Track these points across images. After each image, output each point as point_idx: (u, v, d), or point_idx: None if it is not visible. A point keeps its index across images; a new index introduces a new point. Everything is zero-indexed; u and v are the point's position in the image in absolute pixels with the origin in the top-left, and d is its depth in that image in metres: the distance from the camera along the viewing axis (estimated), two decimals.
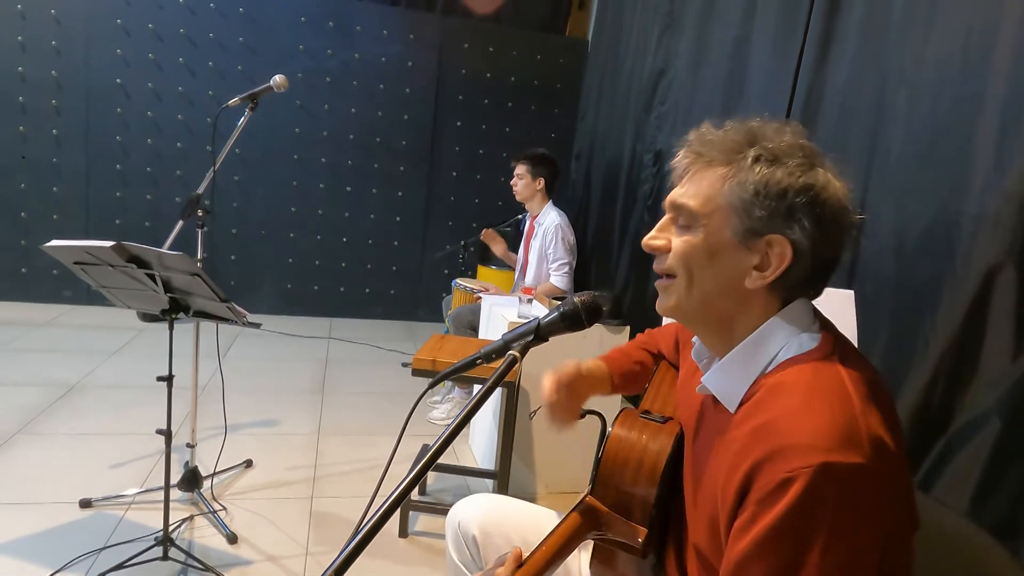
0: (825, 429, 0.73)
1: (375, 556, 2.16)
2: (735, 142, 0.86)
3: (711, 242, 0.86)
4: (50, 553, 1.98)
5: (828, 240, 0.84)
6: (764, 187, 0.82)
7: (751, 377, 0.85)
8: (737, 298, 0.87)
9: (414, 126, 5.02)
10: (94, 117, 4.49)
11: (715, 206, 0.86)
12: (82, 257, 1.69)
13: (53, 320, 4.33)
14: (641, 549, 0.97)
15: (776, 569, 0.73)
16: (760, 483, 0.75)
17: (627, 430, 1.03)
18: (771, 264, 0.84)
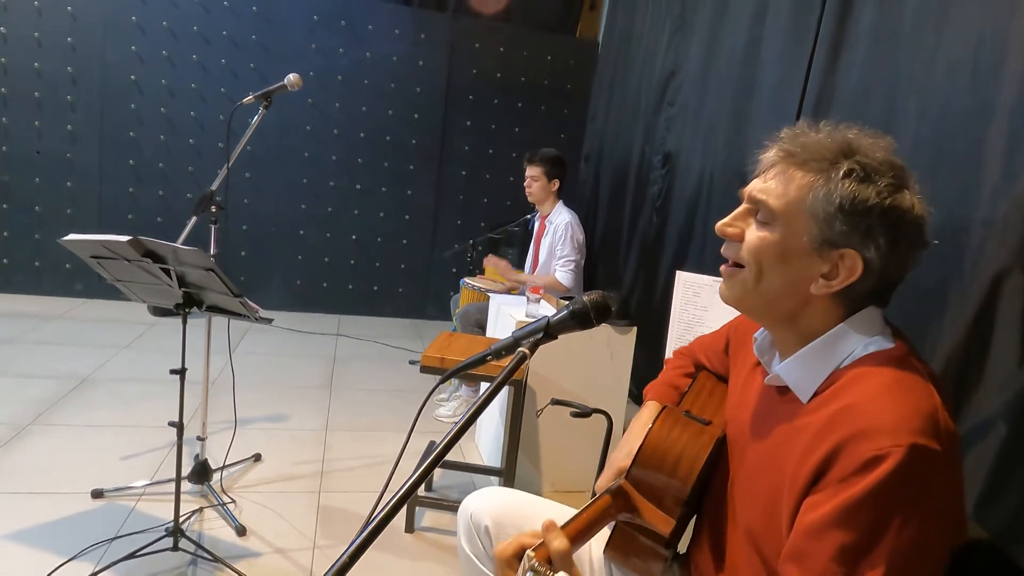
0: (913, 413, 0.77)
1: (382, 551, 2.18)
2: (830, 150, 0.87)
3: (787, 244, 0.88)
4: (62, 542, 2.01)
5: (899, 261, 0.86)
6: (851, 203, 0.84)
7: (827, 370, 0.88)
8: (800, 300, 0.90)
9: (424, 125, 5.05)
10: (108, 113, 4.54)
11: (797, 210, 0.87)
12: (99, 251, 1.72)
13: (66, 313, 4.38)
14: (667, 537, 1.00)
15: (852, 542, 0.75)
16: (843, 462, 0.77)
17: (670, 426, 1.06)
18: (839, 275, 0.86)
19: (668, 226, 3.44)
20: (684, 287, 1.95)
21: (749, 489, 0.97)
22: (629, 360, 2.71)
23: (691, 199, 3.22)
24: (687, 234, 3.23)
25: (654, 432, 1.05)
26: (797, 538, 0.81)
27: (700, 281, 1.93)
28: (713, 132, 3.11)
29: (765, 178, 0.92)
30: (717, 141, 3.06)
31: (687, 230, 3.23)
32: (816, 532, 0.78)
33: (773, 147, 0.92)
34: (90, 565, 1.91)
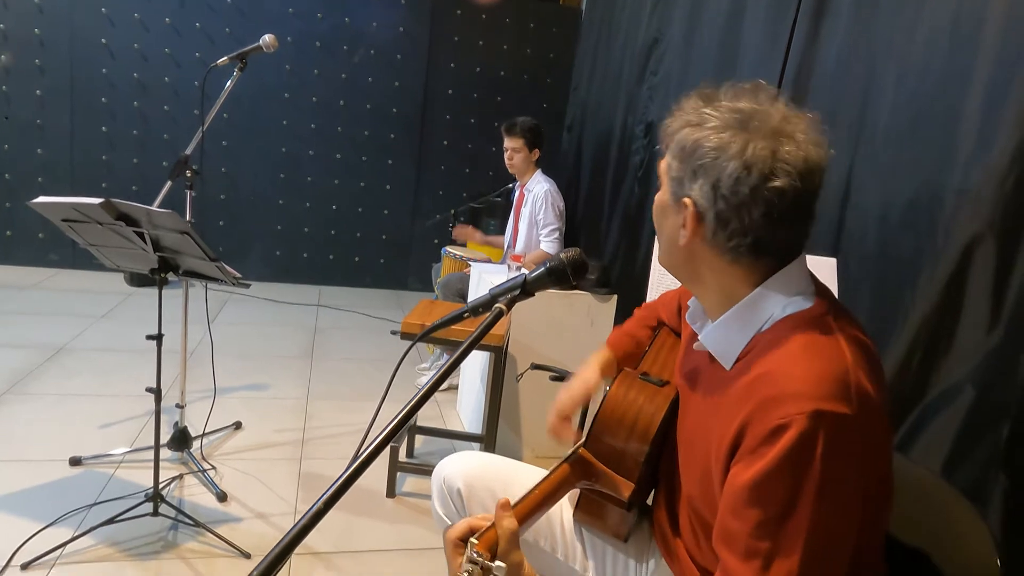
0: (816, 379, 0.76)
1: (364, 515, 2.20)
2: (682, 109, 0.90)
3: (660, 200, 0.93)
4: (41, 509, 2.00)
5: (730, 206, 0.82)
6: (680, 149, 0.87)
7: (747, 335, 0.88)
8: (685, 255, 0.91)
9: (405, 93, 4.97)
10: (79, 78, 4.42)
11: (663, 168, 0.92)
12: (70, 214, 1.69)
13: (39, 283, 4.30)
14: (627, 501, 1.01)
15: (768, 516, 0.76)
16: (753, 432, 0.78)
17: (625, 389, 1.06)
18: (686, 224, 0.87)
19: (650, 196, 3.44)
20: None
21: (688, 456, 0.98)
22: (609, 328, 2.73)
23: None
24: None
25: (610, 397, 1.05)
26: (722, 516, 0.82)
27: None
28: None
29: None
30: None
31: None
32: (735, 509, 0.79)
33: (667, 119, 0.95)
34: (69, 531, 1.91)
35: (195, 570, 1.85)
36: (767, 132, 0.82)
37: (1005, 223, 1.66)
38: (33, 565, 1.77)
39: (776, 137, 0.81)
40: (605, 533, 1.15)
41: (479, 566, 0.76)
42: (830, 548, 0.77)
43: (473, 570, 0.76)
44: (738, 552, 0.79)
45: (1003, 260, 1.67)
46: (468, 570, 0.76)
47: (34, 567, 1.77)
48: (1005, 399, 1.60)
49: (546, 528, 1.21)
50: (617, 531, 1.10)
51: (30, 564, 1.77)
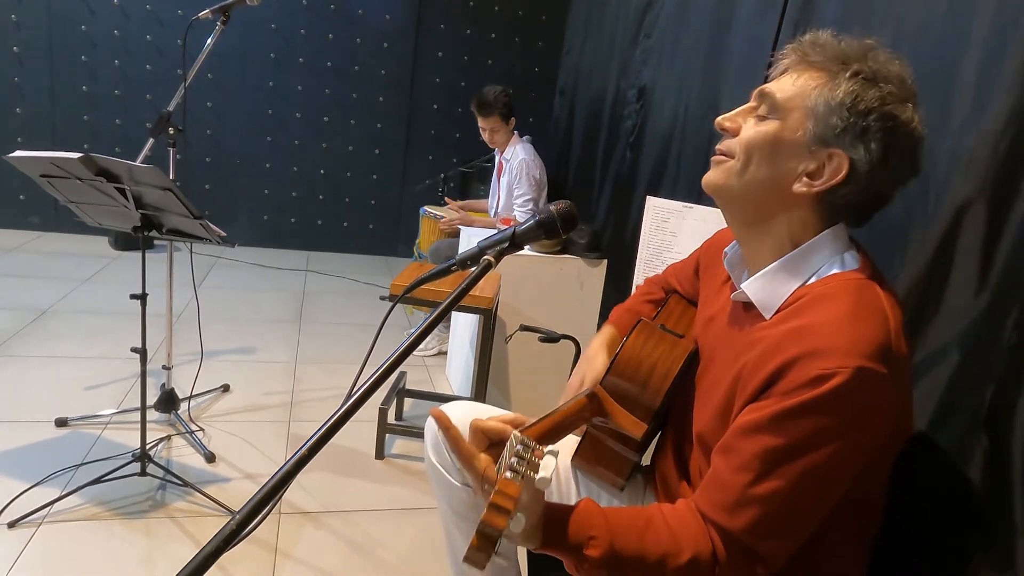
0: (865, 338, 0.78)
1: (353, 476, 2.21)
2: (844, 54, 0.87)
3: (781, 136, 0.88)
4: (27, 469, 2.00)
5: (887, 174, 0.86)
6: (851, 100, 0.84)
7: (792, 287, 0.89)
8: (780, 198, 0.90)
9: (394, 55, 4.87)
10: (57, 35, 4.29)
11: (798, 104, 0.87)
12: (48, 169, 1.64)
13: (21, 246, 4.24)
14: (639, 440, 1.03)
15: (777, 446, 0.79)
16: (791, 377, 0.79)
17: (646, 337, 1.07)
18: (823, 176, 0.86)
19: (641, 161, 3.41)
20: (654, 212, 1.94)
21: (706, 398, 0.99)
22: (599, 293, 2.73)
23: (665, 134, 3.19)
24: (660, 169, 3.21)
25: (630, 343, 1.06)
26: (730, 434, 0.85)
27: (670, 207, 1.93)
28: (689, 65, 3.06)
29: (776, 77, 0.92)
30: (693, 74, 3.01)
31: (660, 165, 3.21)
32: (748, 431, 0.82)
33: (788, 48, 0.92)
34: (56, 490, 1.91)
35: (184, 529, 1.85)
36: (918, 112, 0.87)
37: (997, 187, 1.65)
38: (20, 524, 1.77)
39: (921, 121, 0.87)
40: (603, 480, 1.15)
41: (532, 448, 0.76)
42: (821, 490, 0.80)
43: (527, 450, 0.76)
44: (734, 463, 0.82)
45: (993, 224, 1.67)
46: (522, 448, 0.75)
47: (21, 525, 1.77)
48: (990, 362, 1.61)
49: None
50: (616, 477, 1.11)
51: (16, 523, 1.77)
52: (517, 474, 0.73)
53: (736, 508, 0.81)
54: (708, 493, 0.85)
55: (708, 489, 0.86)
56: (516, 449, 0.77)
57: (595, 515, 0.85)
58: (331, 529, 1.94)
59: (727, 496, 0.82)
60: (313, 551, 1.84)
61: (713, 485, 0.85)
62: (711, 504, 0.84)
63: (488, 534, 0.69)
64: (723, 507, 0.82)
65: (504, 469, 0.74)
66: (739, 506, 0.81)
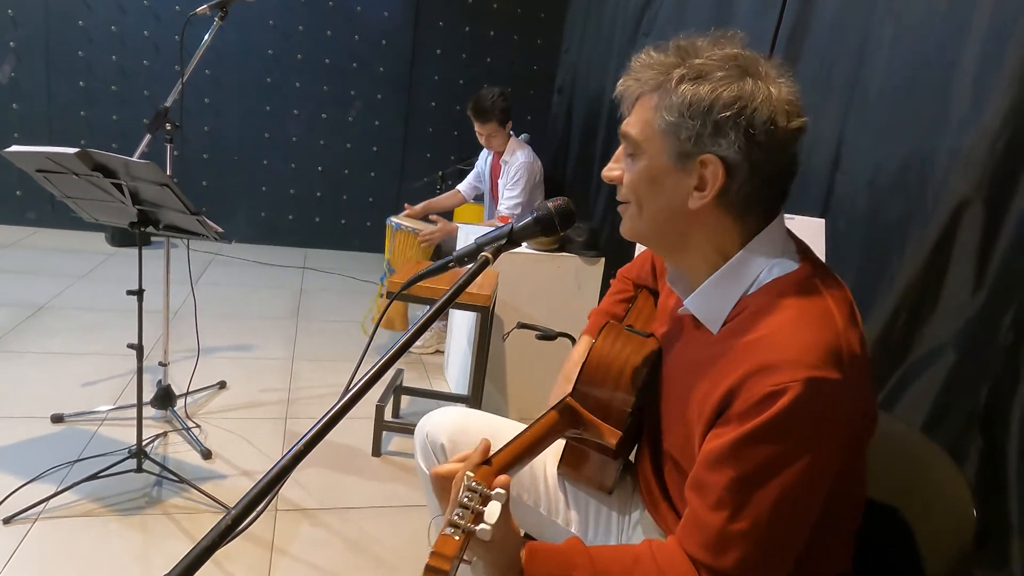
0: (811, 346, 0.77)
1: (350, 472, 2.21)
2: (665, 64, 0.85)
3: (652, 167, 0.87)
4: (23, 465, 1.99)
5: (765, 153, 0.82)
6: (688, 107, 0.82)
7: (733, 298, 0.88)
8: (687, 219, 0.88)
9: (392, 52, 4.86)
10: (54, 30, 4.27)
11: (651, 132, 0.86)
12: (45, 165, 1.64)
13: (17, 242, 4.22)
14: (614, 450, 1.01)
15: (745, 474, 0.78)
16: (744, 396, 0.78)
17: (612, 340, 1.06)
18: (707, 184, 0.84)
19: None
20: None
21: (671, 415, 0.98)
22: (597, 291, 2.73)
23: None
24: None
25: (596, 347, 1.05)
26: (698, 468, 0.83)
27: None
28: None
29: (628, 112, 0.91)
30: None
31: None
32: (713, 463, 0.80)
33: (622, 80, 0.90)
34: (51, 486, 1.90)
35: (180, 526, 1.85)
36: (767, 76, 0.83)
37: (994, 185, 1.66)
38: (16, 519, 1.77)
39: (775, 80, 0.83)
40: (590, 486, 1.15)
41: (478, 493, 0.75)
42: (798, 506, 0.79)
43: (473, 497, 0.75)
44: (708, 501, 0.81)
45: (990, 223, 1.67)
46: (468, 496, 0.75)
47: (16, 521, 1.76)
48: (986, 360, 1.62)
49: (529, 482, 1.21)
50: (602, 483, 1.11)
51: (12, 519, 1.76)
52: (457, 528, 0.71)
53: (720, 547, 0.80)
54: (690, 533, 0.83)
55: (689, 529, 0.84)
56: (461, 499, 0.75)
57: (579, 553, 0.84)
58: (327, 526, 1.94)
59: (708, 536, 0.80)
60: (309, 548, 1.84)
61: (693, 525, 0.83)
62: (695, 545, 0.82)
63: None
64: (707, 548, 0.81)
65: (445, 524, 0.73)
66: (723, 544, 0.79)
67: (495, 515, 0.74)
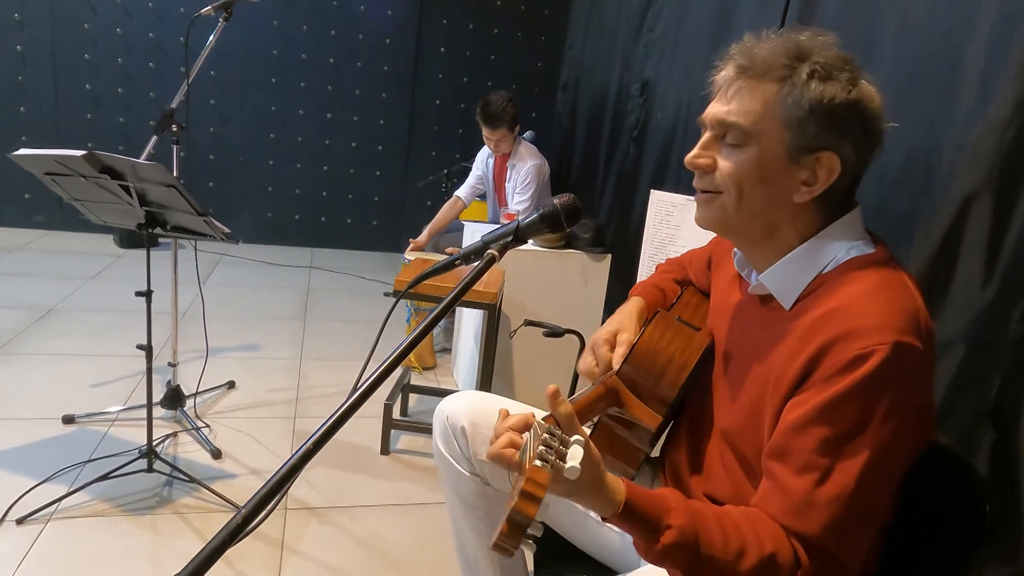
0: (896, 313, 0.79)
1: (359, 471, 2.22)
2: (785, 56, 0.86)
3: (764, 161, 0.87)
4: (35, 465, 2.01)
5: (870, 152, 0.87)
6: (820, 104, 0.83)
7: (810, 275, 0.89)
8: (783, 212, 0.90)
9: (397, 51, 4.86)
10: (60, 33, 4.29)
11: (768, 124, 0.86)
12: (53, 167, 1.65)
13: (26, 245, 4.25)
14: (654, 432, 1.03)
15: (834, 434, 0.78)
16: (829, 362, 0.79)
17: (662, 330, 1.07)
18: (819, 179, 0.86)
19: (645, 156, 3.40)
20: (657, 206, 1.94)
21: (731, 395, 0.98)
22: (603, 288, 2.72)
23: (668, 128, 3.18)
24: (664, 163, 3.20)
25: (647, 334, 1.06)
26: (780, 435, 0.83)
27: (673, 200, 1.92)
28: (692, 58, 3.05)
29: (725, 99, 0.90)
30: (696, 68, 3.00)
31: (664, 159, 3.20)
32: (799, 428, 0.81)
33: (726, 65, 0.91)
34: (63, 487, 1.91)
35: (191, 525, 1.86)
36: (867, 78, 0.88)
37: (1003, 178, 1.64)
38: (28, 520, 1.78)
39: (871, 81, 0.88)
40: (614, 469, 1.15)
41: (558, 437, 0.75)
42: (885, 472, 0.80)
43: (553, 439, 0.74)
44: (793, 466, 0.81)
45: (999, 215, 1.66)
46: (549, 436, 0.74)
47: (29, 522, 1.78)
48: (996, 353, 1.61)
49: None
50: (626, 467, 1.10)
51: (25, 519, 1.78)
52: (547, 463, 0.72)
53: (806, 511, 0.79)
54: (772, 500, 0.83)
55: (771, 496, 0.83)
56: (543, 437, 0.75)
57: (674, 493, 0.84)
58: (337, 524, 1.95)
59: (793, 501, 0.80)
60: (319, 546, 1.85)
61: (776, 491, 0.82)
62: (780, 511, 0.81)
63: (519, 522, 0.68)
64: (792, 512, 0.80)
65: (533, 457, 0.72)
66: (809, 509, 0.79)
67: (579, 455, 0.74)
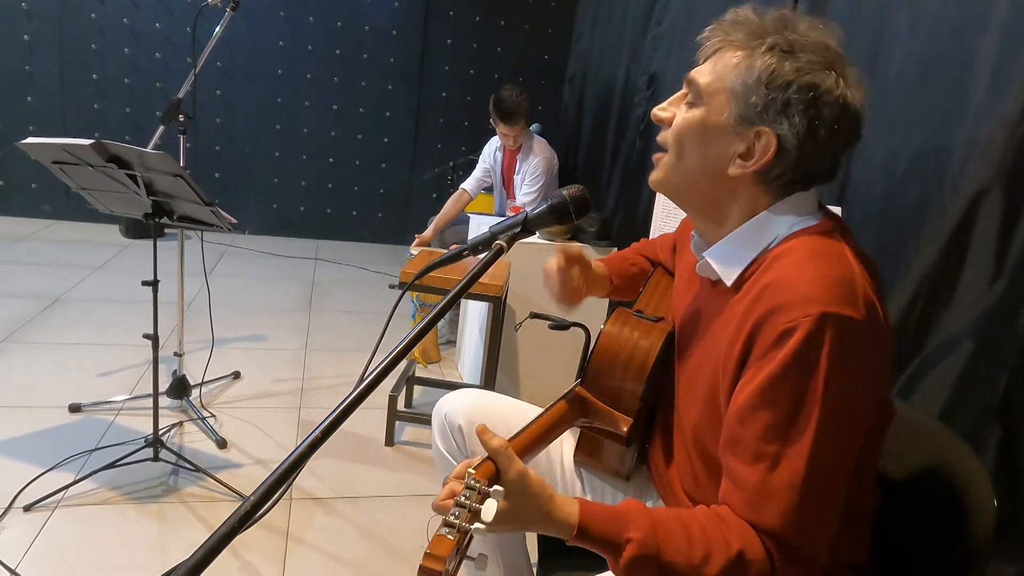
0: (824, 284, 0.77)
1: (363, 462, 2.22)
2: (761, 27, 0.84)
3: (706, 121, 0.86)
4: (41, 454, 2.02)
5: (819, 146, 0.83)
6: (768, 76, 0.81)
7: (752, 254, 0.88)
8: (722, 184, 0.88)
9: (403, 43, 4.85)
10: (67, 22, 4.30)
11: (720, 87, 0.85)
12: (60, 156, 1.65)
13: (33, 234, 4.27)
14: (625, 437, 1.01)
15: (775, 419, 0.77)
16: (762, 339, 0.78)
17: (620, 326, 1.05)
18: (754, 155, 0.84)
19: (651, 149, 3.38)
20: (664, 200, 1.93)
21: (691, 388, 0.97)
22: None
23: None
24: None
25: (605, 334, 1.04)
26: (729, 426, 0.82)
27: None
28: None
29: (702, 59, 0.90)
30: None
31: None
32: (742, 416, 0.80)
33: (709, 29, 0.90)
34: (70, 475, 1.93)
35: (196, 514, 1.87)
36: (847, 78, 0.83)
37: (1013, 174, 1.63)
38: (35, 507, 1.79)
39: (852, 85, 0.83)
40: (606, 473, 1.15)
41: (476, 491, 0.75)
42: (836, 452, 0.77)
43: (471, 495, 0.74)
44: (744, 457, 0.79)
45: (1009, 212, 1.65)
46: (465, 495, 0.74)
47: (36, 509, 1.79)
48: (1004, 350, 1.60)
49: (546, 469, 1.21)
50: (617, 470, 1.11)
51: (32, 506, 1.79)
52: (453, 528, 0.71)
53: (761, 502, 0.77)
54: (733, 495, 0.81)
55: (731, 491, 0.82)
56: (463, 492, 0.74)
57: (635, 506, 0.82)
58: (342, 515, 1.96)
59: (749, 493, 0.79)
60: (324, 536, 1.85)
61: (733, 486, 0.81)
62: (739, 505, 0.80)
63: None
64: (750, 505, 0.79)
65: (440, 524, 0.72)
66: (764, 499, 0.77)
67: (491, 513, 0.72)
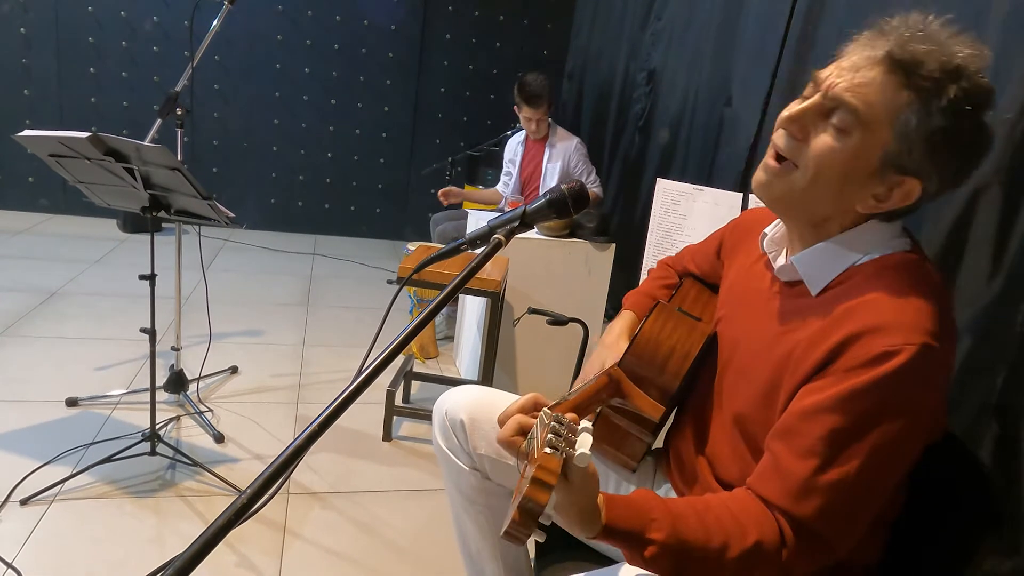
0: (930, 316, 0.78)
1: (361, 457, 2.22)
2: (939, 69, 0.76)
3: (856, 159, 0.81)
4: (38, 447, 2.01)
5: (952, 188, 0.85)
6: (943, 135, 0.77)
7: (843, 265, 0.88)
8: (841, 210, 0.87)
9: (402, 38, 4.83)
10: (64, 16, 4.28)
11: (881, 124, 0.79)
12: (57, 149, 1.64)
13: (31, 228, 4.25)
14: (656, 423, 1.03)
15: (843, 427, 0.78)
16: (853, 353, 0.78)
17: (663, 322, 1.07)
18: (891, 200, 0.83)
19: (650, 145, 3.39)
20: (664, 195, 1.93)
21: (743, 377, 0.97)
22: (607, 277, 2.72)
23: (674, 118, 3.16)
24: (669, 153, 3.18)
25: (648, 325, 1.06)
26: (789, 418, 0.83)
27: (680, 189, 1.91)
28: (699, 47, 3.02)
29: (854, 74, 0.80)
30: (703, 57, 2.98)
31: (669, 149, 3.18)
32: (810, 414, 0.80)
33: (877, 41, 0.80)
34: (67, 468, 1.92)
35: (193, 508, 1.87)
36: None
37: (1012, 171, 1.63)
38: (32, 501, 1.79)
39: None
40: (616, 462, 1.15)
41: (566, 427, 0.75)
42: (888, 467, 0.80)
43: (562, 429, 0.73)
44: (797, 449, 0.81)
45: (1007, 209, 1.65)
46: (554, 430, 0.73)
47: (33, 503, 1.79)
48: (1002, 347, 1.60)
49: None
50: (629, 459, 1.10)
51: (29, 500, 1.79)
52: (556, 450, 0.71)
53: (803, 494, 0.79)
54: (770, 479, 0.83)
55: (769, 475, 0.83)
56: (551, 426, 0.75)
57: (652, 499, 0.83)
58: (339, 509, 1.96)
59: (792, 482, 0.80)
60: (321, 531, 1.85)
61: (775, 471, 0.82)
62: (775, 491, 0.82)
63: (530, 509, 0.68)
64: (788, 493, 0.80)
65: (543, 445, 0.72)
66: (807, 492, 0.79)
67: (587, 444, 0.73)
